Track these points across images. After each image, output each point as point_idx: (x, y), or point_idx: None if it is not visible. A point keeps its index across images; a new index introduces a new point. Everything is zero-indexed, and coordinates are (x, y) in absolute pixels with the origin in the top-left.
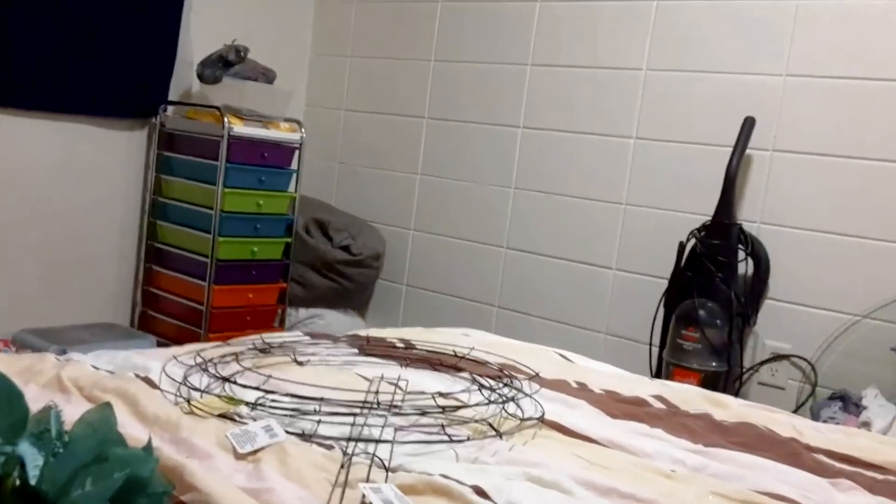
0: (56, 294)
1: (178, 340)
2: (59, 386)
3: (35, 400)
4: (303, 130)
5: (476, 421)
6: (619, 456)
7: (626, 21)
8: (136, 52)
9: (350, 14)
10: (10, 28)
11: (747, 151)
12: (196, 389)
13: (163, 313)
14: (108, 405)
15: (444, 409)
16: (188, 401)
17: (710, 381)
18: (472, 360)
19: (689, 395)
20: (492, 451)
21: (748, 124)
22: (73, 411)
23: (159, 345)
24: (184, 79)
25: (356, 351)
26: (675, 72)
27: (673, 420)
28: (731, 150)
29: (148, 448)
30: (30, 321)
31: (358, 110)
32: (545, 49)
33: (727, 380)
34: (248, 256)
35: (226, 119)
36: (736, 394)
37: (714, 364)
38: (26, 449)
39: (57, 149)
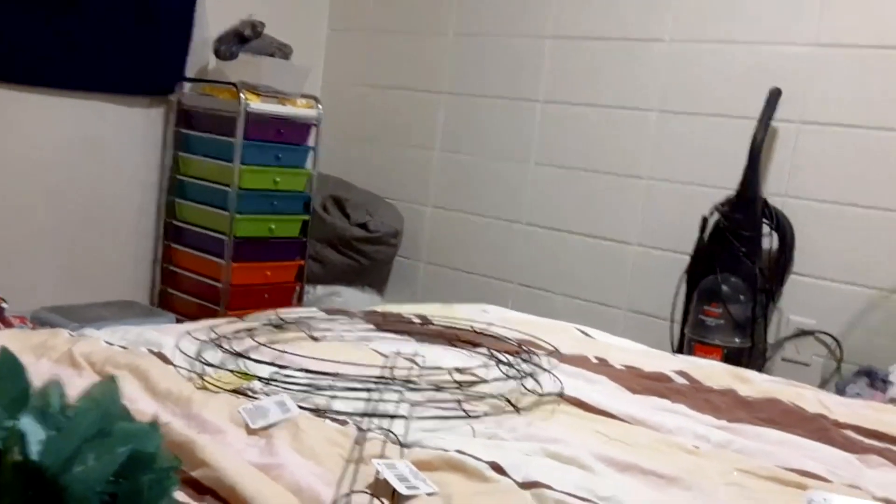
0: (75, 272)
1: (197, 318)
2: (70, 361)
3: (47, 375)
4: (320, 106)
5: (493, 396)
6: (641, 432)
7: None
8: (153, 28)
9: None
10: (25, 5)
11: (773, 123)
12: (209, 365)
13: (182, 291)
14: (113, 379)
15: (460, 384)
16: (201, 376)
17: (733, 358)
18: (489, 335)
19: (712, 371)
20: (509, 427)
21: (774, 95)
22: (83, 386)
23: (178, 322)
24: (201, 55)
25: (372, 326)
26: (699, 42)
27: (696, 396)
28: (755, 122)
29: (154, 422)
30: (49, 299)
31: (375, 86)
32: (565, 20)
33: (750, 356)
34: (265, 234)
35: (242, 95)
36: (760, 370)
37: (737, 340)
38: (28, 423)
39: (75, 126)
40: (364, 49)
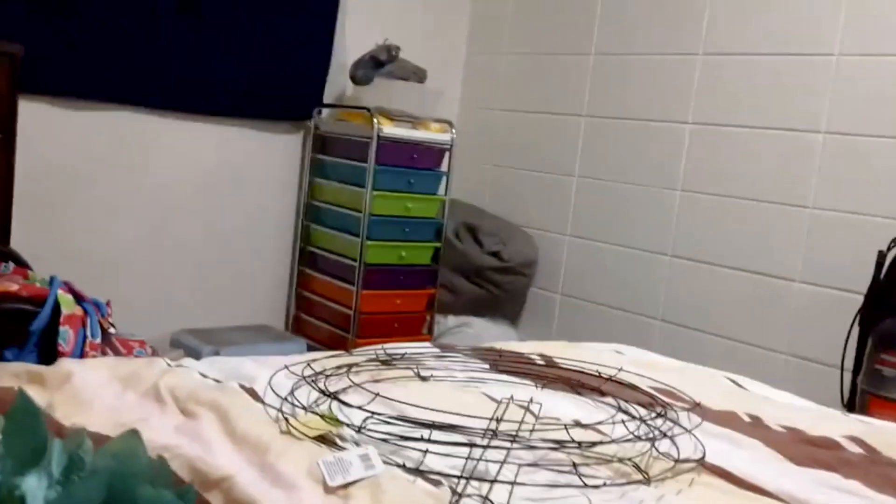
0: (215, 295)
1: (328, 345)
2: (155, 395)
3: (133, 409)
4: (453, 131)
5: (619, 460)
6: None
7: (813, 1)
8: (292, 55)
9: (507, 10)
10: (171, 36)
11: None
12: (297, 406)
13: (314, 317)
14: (135, 433)
15: (580, 443)
16: (286, 419)
17: None
18: (620, 382)
19: (895, 438)
20: (635, 501)
21: None
22: (163, 424)
23: (309, 348)
24: (338, 81)
25: (487, 366)
26: (873, 56)
27: (873, 470)
28: None
29: (188, 489)
30: (189, 322)
31: (512, 109)
32: (718, 36)
33: None
34: (396, 261)
35: (375, 120)
36: None
37: None
38: (32, 483)
39: (217, 151)
40: (502, 72)
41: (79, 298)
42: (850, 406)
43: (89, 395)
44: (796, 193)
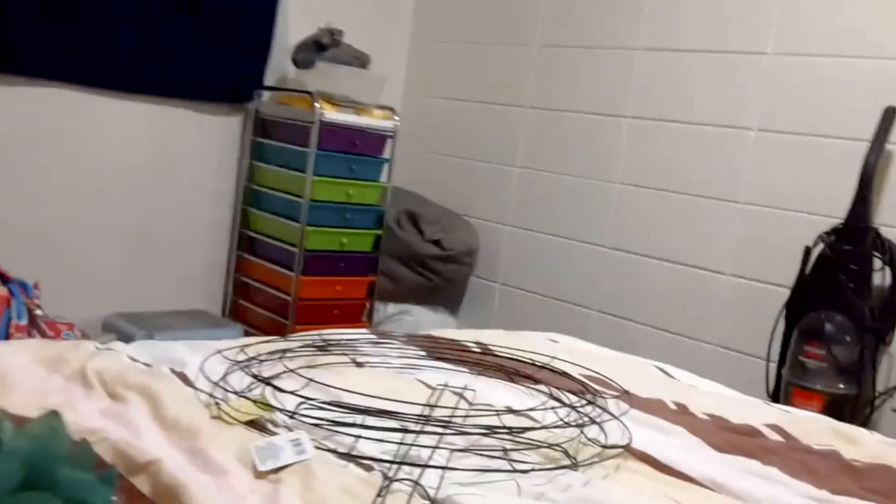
0: (149, 278)
1: (266, 331)
2: (82, 378)
3: (58, 391)
4: (396, 118)
5: (548, 446)
6: (722, 501)
7: (746, 1)
8: (233, 36)
9: None
10: (105, 12)
11: (888, 146)
12: (229, 391)
13: (252, 303)
14: (55, 414)
15: (511, 429)
16: (217, 404)
17: (836, 406)
18: (553, 370)
19: (812, 426)
20: (563, 486)
21: (889, 115)
22: (89, 408)
23: (247, 335)
24: (279, 64)
25: (423, 353)
26: (805, 56)
27: (792, 457)
28: (867, 144)
29: (109, 473)
30: (122, 305)
31: (456, 98)
32: (656, 31)
33: (856, 405)
34: (336, 247)
35: (317, 105)
36: (866, 421)
37: (841, 386)
38: None
39: (153, 131)
40: (446, 60)
41: (3, 279)
42: (775, 396)
43: (13, 378)
44: (728, 189)
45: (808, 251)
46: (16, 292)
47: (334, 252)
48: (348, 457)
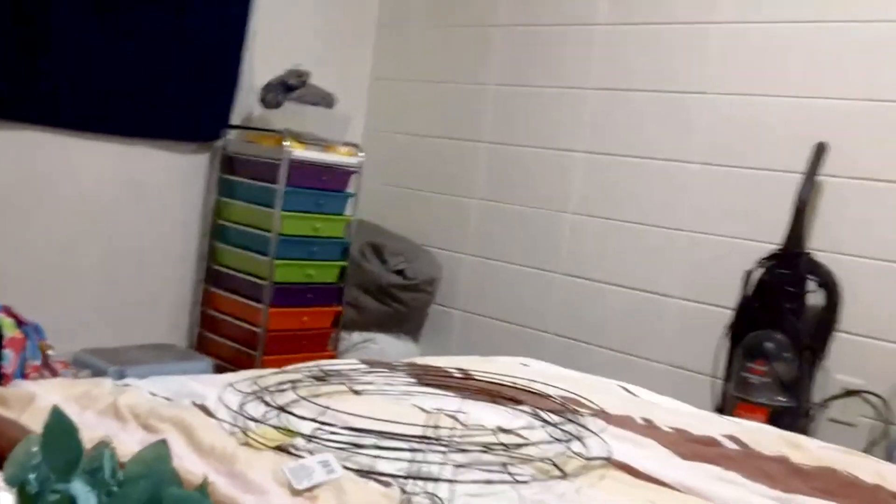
0: (116, 314)
1: (234, 363)
2: (115, 413)
3: (92, 427)
4: (361, 154)
5: (540, 460)
6: (694, 502)
7: (690, 43)
8: (201, 77)
9: (410, 39)
10: (76, 54)
11: (819, 178)
12: (252, 419)
13: (220, 335)
14: (163, 442)
15: (507, 446)
16: (244, 431)
17: (778, 417)
18: (532, 391)
19: (763, 436)
20: (558, 493)
21: (820, 150)
22: (128, 440)
23: (216, 367)
24: (246, 103)
25: (413, 380)
26: (744, 95)
27: (748, 463)
28: (801, 176)
29: (203, 488)
30: (90, 341)
31: (416, 134)
32: (605, 72)
33: (795, 416)
34: (304, 279)
35: (286, 143)
36: (805, 430)
37: (782, 399)
38: (79, 488)
39: (121, 171)
40: (406, 98)
41: (18, 322)
42: (721, 410)
43: None
44: (674, 218)
45: (748, 275)
46: (30, 334)
47: (302, 284)
48: (367, 474)
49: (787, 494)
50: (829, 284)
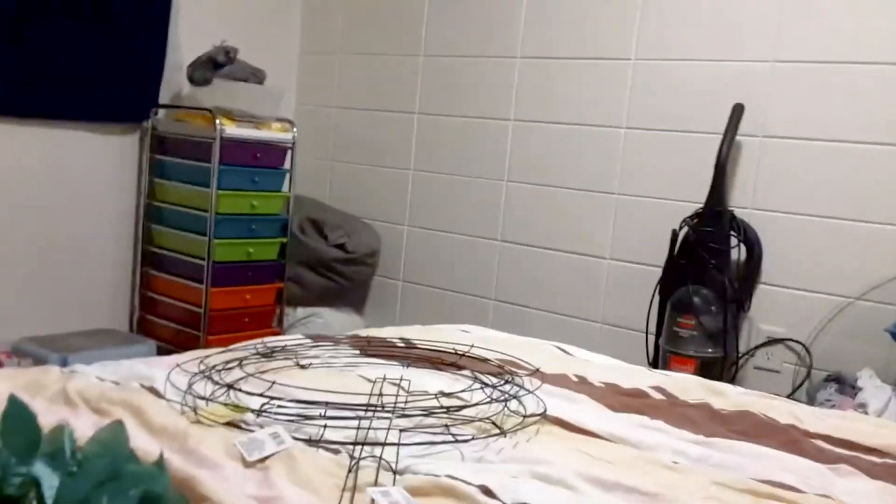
0: (53, 301)
1: (178, 344)
2: (65, 399)
3: (43, 414)
4: (294, 130)
5: (479, 420)
6: (622, 450)
7: (613, 11)
8: (125, 56)
9: (337, 11)
10: None
11: (737, 138)
12: (201, 398)
13: (161, 317)
14: (119, 423)
15: (447, 409)
16: (194, 410)
17: (707, 367)
18: (472, 357)
19: (687, 385)
20: (496, 450)
21: (737, 111)
22: (81, 425)
23: (159, 349)
24: (174, 81)
25: (357, 352)
26: (663, 60)
27: (673, 411)
28: (720, 137)
29: (160, 463)
30: (28, 329)
31: (349, 107)
32: (533, 41)
33: (723, 365)
34: (244, 258)
35: (217, 121)
36: (732, 379)
37: (710, 350)
38: (41, 469)
39: (48, 155)
40: (336, 71)
41: None
42: (655, 363)
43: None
44: (604, 182)
45: (674, 234)
46: None
47: (242, 262)
48: (316, 443)
49: (708, 438)
50: (750, 240)
